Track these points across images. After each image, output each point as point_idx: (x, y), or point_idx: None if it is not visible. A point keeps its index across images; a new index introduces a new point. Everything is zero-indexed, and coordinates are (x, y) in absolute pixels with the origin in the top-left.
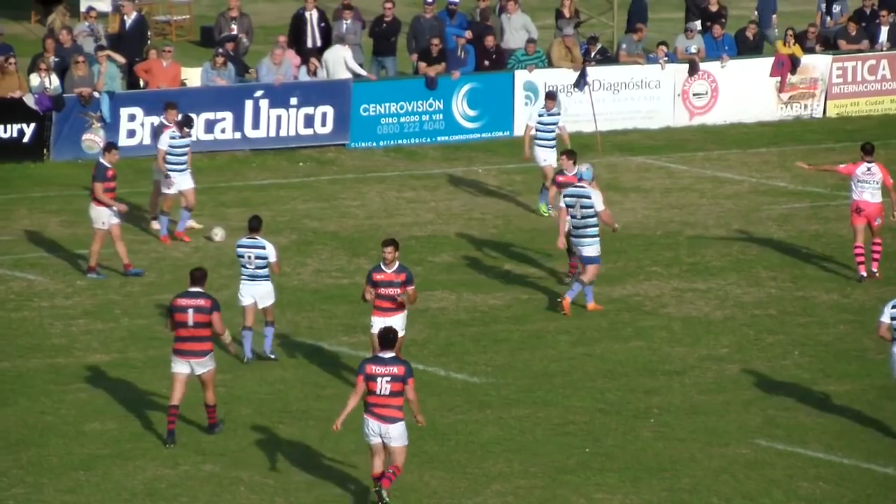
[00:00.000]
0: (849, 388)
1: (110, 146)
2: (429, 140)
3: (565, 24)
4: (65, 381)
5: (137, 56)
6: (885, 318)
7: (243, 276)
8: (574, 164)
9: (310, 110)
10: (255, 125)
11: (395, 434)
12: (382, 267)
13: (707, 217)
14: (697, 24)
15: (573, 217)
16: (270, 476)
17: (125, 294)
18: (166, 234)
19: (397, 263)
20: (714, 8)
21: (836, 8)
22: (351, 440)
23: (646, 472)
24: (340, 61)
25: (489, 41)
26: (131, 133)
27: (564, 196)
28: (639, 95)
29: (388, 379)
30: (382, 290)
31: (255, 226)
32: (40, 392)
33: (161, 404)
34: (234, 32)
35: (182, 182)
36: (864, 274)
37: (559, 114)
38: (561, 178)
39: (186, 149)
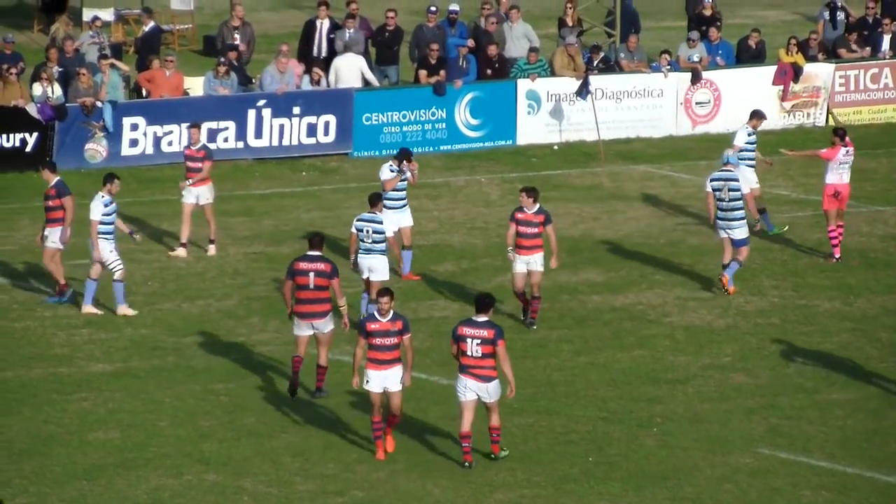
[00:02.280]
0: (851, 397)
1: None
2: (431, 149)
3: (568, 32)
4: (67, 390)
5: (146, 66)
6: None
7: (361, 250)
8: (534, 201)
9: (313, 119)
10: (258, 134)
11: (493, 390)
12: (377, 316)
13: (709, 227)
14: (697, 35)
15: (720, 200)
16: (274, 485)
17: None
18: (409, 272)
19: (392, 312)
20: (708, 13)
21: (839, 16)
22: (353, 450)
23: (649, 481)
24: (354, 70)
25: (491, 50)
26: (134, 142)
27: (712, 180)
28: (641, 104)
29: (479, 342)
30: (378, 341)
31: (374, 201)
32: (43, 401)
33: (165, 415)
34: (237, 42)
35: (402, 219)
36: (839, 256)
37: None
38: (520, 216)
39: (405, 183)
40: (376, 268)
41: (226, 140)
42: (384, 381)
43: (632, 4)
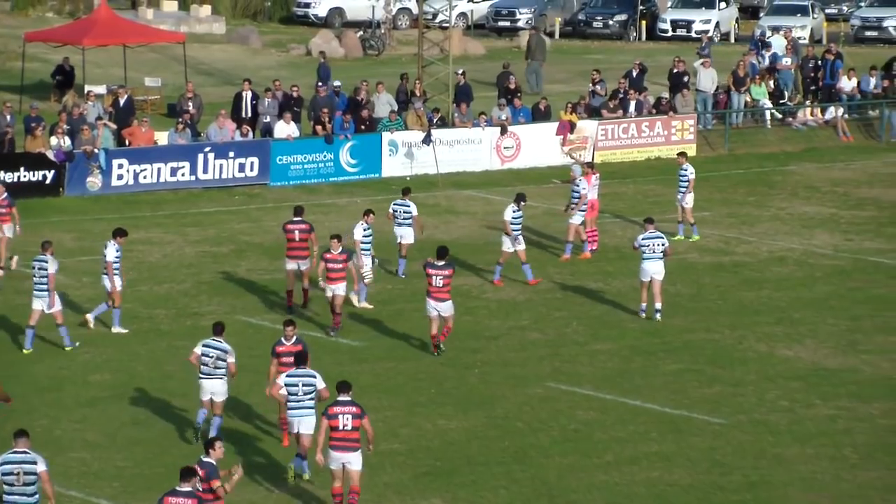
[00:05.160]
0: (610, 347)
1: None
2: (323, 180)
3: (416, 100)
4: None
5: (128, 124)
6: None
7: (396, 223)
8: (339, 243)
9: (242, 160)
10: (205, 170)
11: (448, 307)
12: (283, 341)
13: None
14: (504, 101)
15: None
16: (228, 409)
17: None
18: (499, 279)
19: (295, 337)
20: (512, 86)
21: (599, 88)
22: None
23: (473, 406)
24: (286, 132)
25: (364, 113)
26: (120, 176)
27: (573, 190)
28: (467, 148)
29: (441, 277)
30: (284, 359)
31: (406, 190)
32: (59, 354)
33: (142, 363)
34: (190, 107)
35: (518, 244)
36: (595, 248)
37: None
38: (328, 255)
39: (521, 219)
40: (406, 234)
41: (183, 174)
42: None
43: (467, 84)
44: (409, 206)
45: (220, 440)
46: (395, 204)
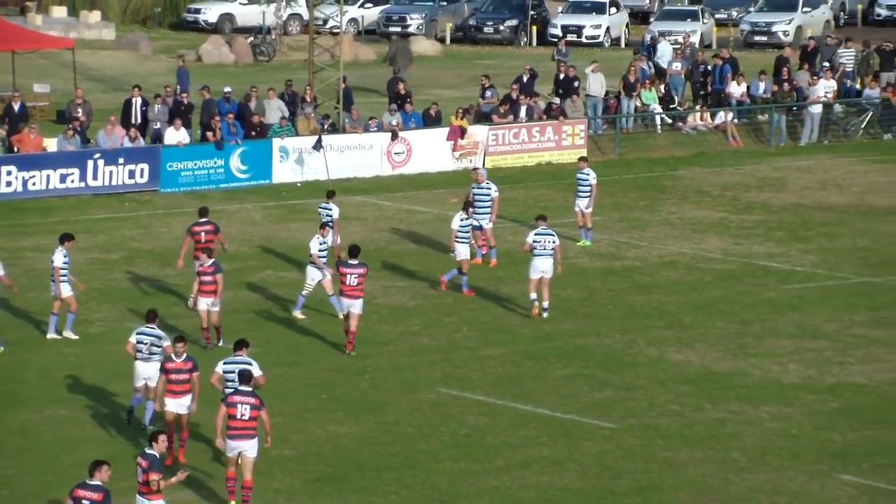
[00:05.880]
0: (501, 352)
1: None
2: (214, 186)
3: (307, 105)
4: None
5: (17, 131)
6: None
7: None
8: (209, 258)
9: (132, 166)
10: (95, 177)
11: (359, 305)
12: (173, 358)
13: (405, 237)
14: (395, 106)
15: (480, 203)
16: (106, 418)
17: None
18: (468, 290)
19: (185, 354)
20: (403, 91)
21: (488, 93)
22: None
23: (364, 411)
24: (176, 138)
25: (255, 119)
26: (9, 183)
27: (475, 189)
28: (357, 154)
29: (356, 276)
30: (173, 377)
31: (330, 193)
32: None
33: (31, 370)
34: (80, 114)
35: (465, 252)
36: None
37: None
38: (201, 269)
39: (469, 228)
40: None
41: (72, 181)
42: (178, 406)
43: (349, 88)
44: (330, 209)
45: (164, 433)
46: (319, 207)
